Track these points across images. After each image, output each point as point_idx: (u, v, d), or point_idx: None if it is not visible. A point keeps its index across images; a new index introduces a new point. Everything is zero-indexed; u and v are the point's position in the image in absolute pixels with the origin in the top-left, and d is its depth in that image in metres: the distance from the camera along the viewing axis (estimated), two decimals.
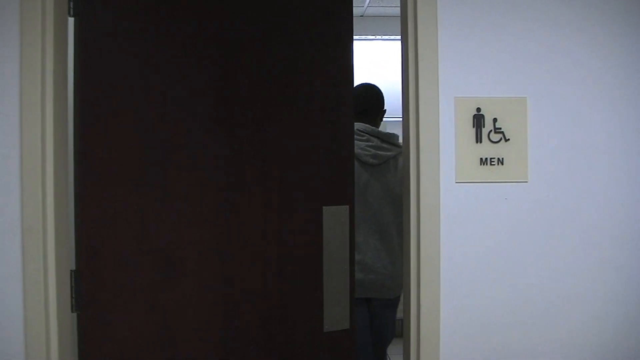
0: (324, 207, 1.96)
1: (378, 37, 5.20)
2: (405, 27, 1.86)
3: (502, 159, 1.82)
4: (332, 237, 1.97)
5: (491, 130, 1.82)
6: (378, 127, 2.73)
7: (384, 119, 2.86)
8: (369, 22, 5.22)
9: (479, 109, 1.82)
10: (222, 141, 1.89)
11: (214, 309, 1.88)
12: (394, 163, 2.67)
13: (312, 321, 1.97)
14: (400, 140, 2.10)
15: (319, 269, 1.96)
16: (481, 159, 1.82)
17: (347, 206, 1.99)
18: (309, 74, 1.97)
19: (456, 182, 1.81)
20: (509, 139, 1.82)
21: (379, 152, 2.61)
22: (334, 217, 1.96)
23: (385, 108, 2.80)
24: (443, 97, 1.81)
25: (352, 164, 2.03)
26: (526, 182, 1.83)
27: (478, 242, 1.82)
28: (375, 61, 5.08)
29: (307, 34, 1.97)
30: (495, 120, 1.82)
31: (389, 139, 2.68)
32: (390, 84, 3.29)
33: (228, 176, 1.89)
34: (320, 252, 1.96)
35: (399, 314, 2.50)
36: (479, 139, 1.82)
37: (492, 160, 1.82)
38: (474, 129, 1.82)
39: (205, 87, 1.87)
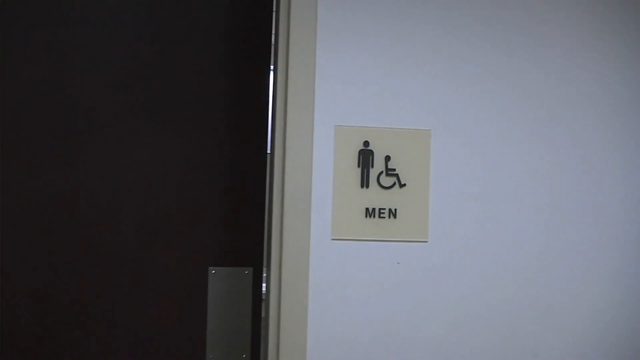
0: (210, 268, 1.51)
1: None
2: (277, 35, 1.43)
3: (395, 210, 1.40)
4: (224, 308, 1.51)
5: (382, 172, 1.40)
6: None
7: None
8: None
9: (367, 143, 1.40)
10: (52, 161, 1.46)
11: None
12: None
13: None
14: None
15: (200, 351, 1.49)
16: (367, 209, 1.40)
17: (251, 269, 1.53)
18: (205, 83, 1.53)
19: (332, 239, 1.38)
20: (404, 184, 1.41)
21: None
22: (228, 282, 1.52)
23: None
24: (320, 125, 1.38)
25: (261, 211, 1.55)
26: (426, 241, 1.42)
27: (359, 322, 1.38)
28: None
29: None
30: (387, 158, 1.40)
31: None
32: None
33: (56, 211, 1.46)
34: (204, 329, 1.50)
35: None
36: (365, 182, 1.40)
37: (382, 211, 1.40)
38: (360, 169, 1.40)
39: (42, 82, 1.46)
